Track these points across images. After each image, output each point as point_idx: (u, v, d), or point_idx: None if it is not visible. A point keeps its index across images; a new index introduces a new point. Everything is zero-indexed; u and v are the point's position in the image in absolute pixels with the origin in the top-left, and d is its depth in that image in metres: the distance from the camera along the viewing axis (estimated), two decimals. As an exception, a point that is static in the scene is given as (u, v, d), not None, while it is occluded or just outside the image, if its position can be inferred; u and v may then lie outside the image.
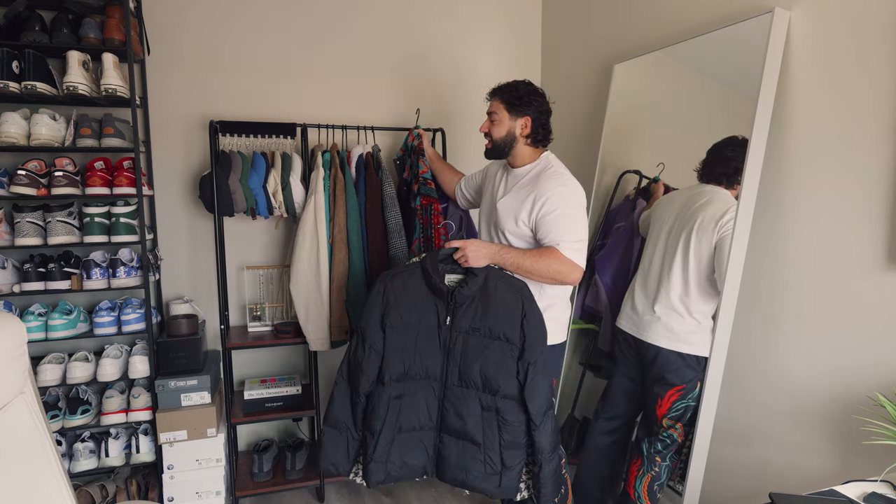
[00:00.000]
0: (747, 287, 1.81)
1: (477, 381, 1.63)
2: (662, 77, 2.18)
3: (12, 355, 1.10)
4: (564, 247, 1.67)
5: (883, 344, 1.47)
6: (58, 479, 1.15)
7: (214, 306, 2.59)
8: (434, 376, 1.66)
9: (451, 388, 1.66)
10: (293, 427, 2.78)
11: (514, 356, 1.62)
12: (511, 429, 1.63)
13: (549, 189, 1.71)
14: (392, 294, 1.66)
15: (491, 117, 1.83)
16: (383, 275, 1.71)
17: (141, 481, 2.32)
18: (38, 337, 2.04)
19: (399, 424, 1.66)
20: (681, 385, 1.83)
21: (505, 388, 1.62)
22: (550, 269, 1.67)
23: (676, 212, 1.94)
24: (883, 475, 1.29)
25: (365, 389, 1.67)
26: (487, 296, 1.64)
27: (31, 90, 1.98)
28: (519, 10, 3.01)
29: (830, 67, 1.60)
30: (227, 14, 2.52)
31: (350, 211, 2.37)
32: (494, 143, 1.84)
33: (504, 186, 1.88)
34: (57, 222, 2.07)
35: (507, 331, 1.62)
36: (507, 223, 1.79)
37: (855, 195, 1.54)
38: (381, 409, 1.65)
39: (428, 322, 1.66)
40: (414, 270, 1.69)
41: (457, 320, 1.64)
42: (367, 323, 1.67)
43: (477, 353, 1.63)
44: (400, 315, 1.65)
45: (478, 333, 1.63)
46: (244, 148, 2.43)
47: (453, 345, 1.65)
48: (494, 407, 1.63)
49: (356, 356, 1.68)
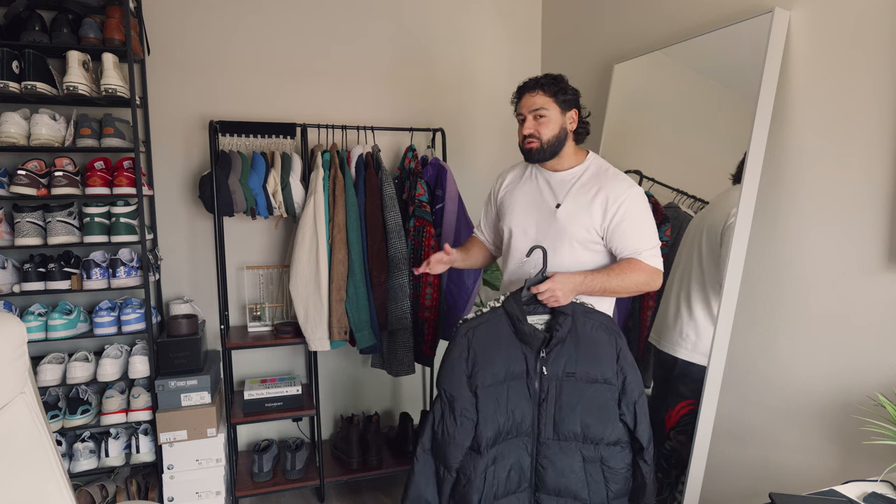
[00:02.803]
0: (747, 287, 1.81)
1: (577, 431, 1.47)
2: (662, 77, 2.18)
3: (12, 355, 1.10)
4: (645, 255, 1.56)
5: (883, 344, 1.47)
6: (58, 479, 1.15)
7: (214, 306, 2.59)
8: (525, 432, 1.49)
9: (546, 443, 1.48)
10: (293, 427, 2.78)
11: (614, 398, 1.48)
12: (618, 477, 1.50)
13: (620, 192, 1.56)
14: (478, 348, 1.47)
15: (539, 114, 1.60)
16: (462, 326, 1.51)
17: (141, 481, 2.32)
18: (38, 337, 2.04)
19: (495, 492, 1.48)
20: (693, 399, 1.79)
21: (610, 435, 1.48)
22: (637, 282, 1.55)
23: (699, 219, 1.91)
24: (883, 475, 1.29)
25: (457, 463, 1.46)
26: (578, 335, 1.48)
27: (31, 90, 1.98)
28: (519, 10, 3.01)
29: (830, 67, 1.60)
30: (228, 14, 2.52)
31: (350, 211, 2.37)
32: (544, 145, 1.61)
33: (552, 192, 1.66)
34: (57, 222, 2.07)
35: (605, 371, 1.47)
36: (578, 232, 1.60)
37: (855, 195, 1.54)
38: (478, 482, 1.45)
39: (515, 372, 1.48)
40: (499, 318, 1.50)
41: (549, 367, 1.47)
42: (454, 387, 1.46)
43: (574, 400, 1.47)
44: (491, 372, 1.46)
45: (573, 378, 1.47)
46: (244, 148, 2.43)
47: (546, 395, 1.48)
48: (598, 457, 1.48)
49: (445, 428, 1.46)
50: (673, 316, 1.93)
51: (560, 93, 1.60)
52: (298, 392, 2.42)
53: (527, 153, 1.65)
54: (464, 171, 2.87)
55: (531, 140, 1.62)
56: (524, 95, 1.63)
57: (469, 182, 2.85)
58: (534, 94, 1.61)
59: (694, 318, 1.85)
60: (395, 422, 2.92)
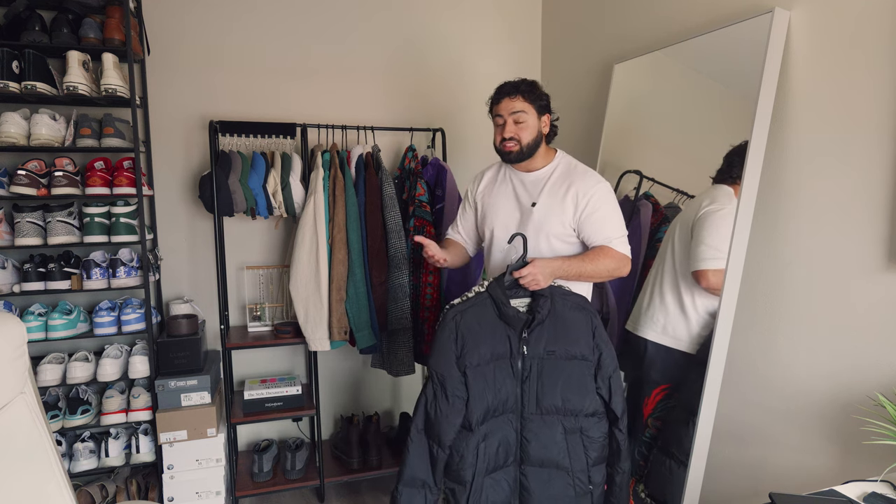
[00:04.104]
0: (747, 287, 1.81)
1: (557, 404, 1.56)
2: (662, 77, 2.18)
3: (12, 355, 1.10)
4: (615, 243, 1.68)
5: (883, 344, 1.47)
6: (58, 479, 1.15)
7: (214, 306, 2.59)
8: (510, 409, 1.58)
9: (530, 418, 1.57)
10: (293, 427, 2.78)
11: (591, 373, 1.58)
12: (596, 445, 1.59)
13: (589, 187, 1.69)
14: (466, 331, 1.56)
15: (518, 118, 1.70)
16: (450, 311, 1.59)
17: (141, 481, 2.32)
18: (38, 337, 2.04)
19: (486, 467, 1.57)
20: (666, 385, 1.85)
21: (587, 407, 1.57)
22: (608, 268, 1.68)
23: (678, 216, 1.98)
24: (883, 475, 1.29)
25: (450, 441, 1.55)
26: (557, 316, 1.58)
27: (31, 90, 1.98)
28: (519, 10, 3.01)
29: (830, 67, 1.60)
30: (228, 14, 2.52)
31: (350, 211, 2.37)
32: (524, 147, 1.72)
33: (527, 192, 1.78)
34: (57, 222, 2.07)
35: (582, 348, 1.57)
36: (553, 227, 1.72)
37: (855, 195, 1.54)
38: (471, 457, 1.54)
39: (500, 353, 1.57)
40: (483, 302, 1.59)
41: (531, 346, 1.57)
42: (444, 368, 1.55)
43: (555, 376, 1.56)
44: (478, 353, 1.55)
45: (553, 356, 1.57)
46: (244, 148, 2.43)
47: (528, 373, 1.57)
48: (578, 427, 1.58)
49: (437, 408, 1.55)
50: (647, 302, 2.03)
51: (537, 99, 1.71)
52: (298, 392, 2.42)
53: (506, 154, 1.75)
54: (464, 171, 2.86)
55: (512, 143, 1.72)
56: (504, 99, 1.71)
57: (469, 182, 2.84)
58: (514, 98, 1.70)
59: (665, 304, 1.94)
60: (395, 422, 2.92)
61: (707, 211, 1.81)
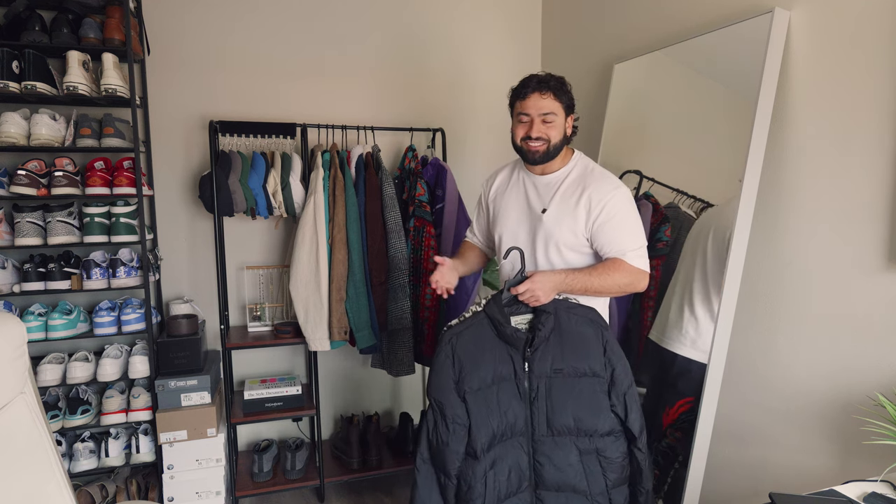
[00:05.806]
0: (747, 287, 1.81)
1: (570, 425, 1.48)
2: (662, 77, 2.18)
3: (12, 355, 1.10)
4: (630, 256, 1.55)
5: (883, 344, 1.47)
6: (58, 479, 1.15)
7: (214, 306, 2.59)
8: (519, 432, 1.49)
9: (541, 440, 1.49)
10: (293, 427, 2.78)
11: (604, 390, 1.49)
12: (614, 466, 1.50)
13: (604, 193, 1.56)
14: (463, 354, 1.48)
15: (547, 119, 1.57)
16: (446, 333, 1.52)
17: (141, 481, 2.32)
18: (38, 337, 2.04)
19: (497, 495, 1.47)
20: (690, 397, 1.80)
21: (602, 426, 1.48)
22: (619, 283, 1.54)
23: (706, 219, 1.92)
24: (883, 475, 1.29)
25: (456, 470, 1.47)
26: (562, 332, 1.49)
27: (31, 90, 1.98)
28: (519, 10, 3.01)
29: (830, 67, 1.60)
30: (228, 14, 2.52)
31: (350, 211, 2.37)
32: (551, 148, 1.59)
33: (539, 197, 1.66)
34: (57, 222, 2.07)
35: (593, 364, 1.49)
36: (564, 236, 1.60)
37: (855, 195, 1.54)
38: (479, 487, 1.45)
39: (503, 374, 1.49)
40: (480, 322, 1.51)
41: (535, 365, 1.48)
42: (442, 394, 1.48)
43: (564, 395, 1.48)
44: (478, 376, 1.47)
45: (561, 374, 1.48)
46: (244, 148, 2.43)
47: (536, 393, 1.49)
48: (594, 448, 1.49)
49: (438, 436, 1.48)
50: (675, 314, 1.93)
51: (567, 98, 1.60)
52: (298, 392, 2.42)
53: (531, 154, 1.60)
54: (464, 171, 2.87)
55: (539, 143, 1.58)
56: (533, 94, 1.57)
57: (469, 182, 2.85)
58: (545, 95, 1.56)
59: (695, 316, 1.85)
60: (395, 422, 2.92)
61: None
